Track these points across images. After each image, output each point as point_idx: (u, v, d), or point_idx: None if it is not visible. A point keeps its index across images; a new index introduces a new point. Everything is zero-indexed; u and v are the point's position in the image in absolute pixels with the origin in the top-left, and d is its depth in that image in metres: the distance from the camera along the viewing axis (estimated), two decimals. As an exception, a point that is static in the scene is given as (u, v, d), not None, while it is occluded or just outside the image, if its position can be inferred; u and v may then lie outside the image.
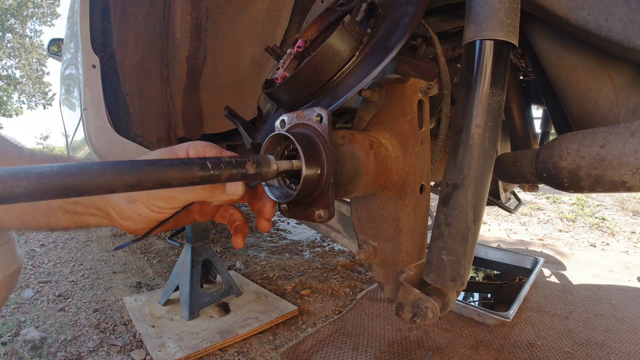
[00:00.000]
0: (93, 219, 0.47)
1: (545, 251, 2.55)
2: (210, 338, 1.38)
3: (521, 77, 1.24)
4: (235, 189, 0.44)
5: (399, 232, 0.60)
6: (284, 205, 0.52)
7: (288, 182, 0.48)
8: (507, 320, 1.41)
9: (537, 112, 2.91)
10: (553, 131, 1.43)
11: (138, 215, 0.43)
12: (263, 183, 0.48)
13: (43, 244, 2.61)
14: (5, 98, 17.70)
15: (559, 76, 0.66)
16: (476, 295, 1.81)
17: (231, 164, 0.36)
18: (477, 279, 1.98)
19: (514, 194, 1.58)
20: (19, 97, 18.18)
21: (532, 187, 1.16)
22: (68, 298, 1.78)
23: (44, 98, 18.41)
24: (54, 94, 18.33)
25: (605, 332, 1.47)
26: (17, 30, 16.64)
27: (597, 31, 0.52)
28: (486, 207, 0.61)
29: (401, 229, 0.59)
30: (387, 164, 0.59)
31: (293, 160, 0.43)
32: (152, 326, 1.47)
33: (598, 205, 4.06)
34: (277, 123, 0.52)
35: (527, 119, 1.14)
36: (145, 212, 0.42)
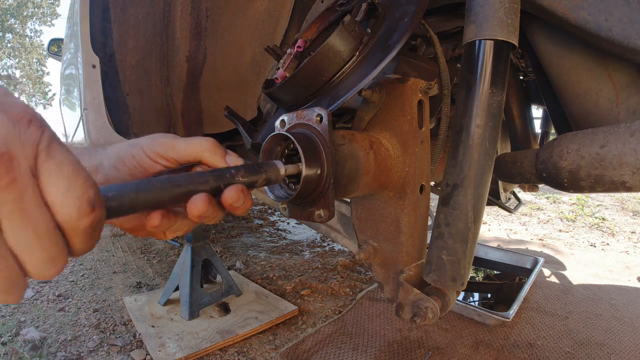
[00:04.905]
0: None
1: (545, 251, 2.55)
2: (210, 338, 1.38)
3: (521, 77, 1.24)
4: (235, 162, 0.42)
5: (399, 232, 0.60)
6: (284, 205, 0.52)
7: (288, 182, 0.48)
8: (507, 320, 1.41)
9: (537, 112, 2.91)
10: (553, 131, 1.43)
11: (131, 157, 0.40)
12: None
13: (43, 244, 2.61)
14: (5, 98, 17.64)
15: (559, 76, 0.66)
16: (476, 295, 1.81)
17: (247, 172, 0.38)
18: (477, 279, 1.98)
19: (514, 194, 1.58)
20: (19, 97, 18.16)
21: (532, 187, 1.16)
22: (68, 298, 1.78)
23: (44, 98, 18.40)
24: (54, 94, 18.32)
25: (605, 332, 1.47)
26: (17, 30, 16.63)
27: (597, 31, 0.52)
28: (486, 207, 0.61)
29: (401, 229, 0.59)
30: (387, 164, 0.59)
31: (300, 164, 0.43)
32: (152, 326, 1.47)
33: (598, 205, 4.06)
34: (277, 123, 0.52)
35: (527, 119, 1.14)
36: (140, 155, 0.40)
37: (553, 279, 2.04)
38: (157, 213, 0.35)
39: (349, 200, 0.72)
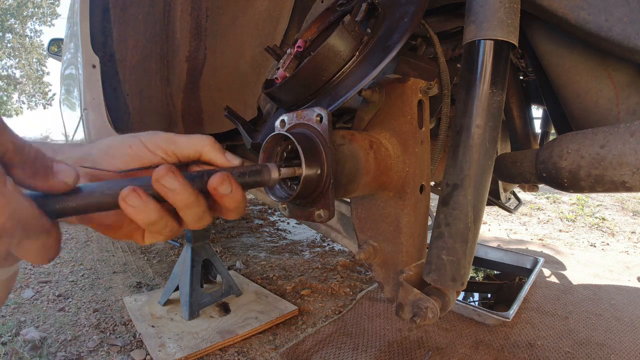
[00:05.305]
0: None
1: (545, 251, 2.55)
2: (210, 338, 1.38)
3: (521, 77, 1.24)
4: (233, 158, 0.42)
5: (399, 232, 0.60)
6: (284, 205, 0.52)
7: (288, 182, 0.48)
8: (507, 320, 1.41)
9: (537, 112, 2.91)
10: (553, 131, 1.43)
11: (128, 147, 0.39)
12: None
13: (43, 244, 2.61)
14: (5, 98, 17.70)
15: (559, 76, 0.66)
16: (476, 295, 1.81)
17: (241, 174, 0.38)
18: (477, 279, 1.98)
19: (514, 194, 1.58)
20: (19, 97, 18.18)
21: (532, 187, 1.16)
22: (68, 298, 1.78)
23: (44, 98, 18.40)
24: (54, 94, 18.32)
25: (605, 332, 1.47)
26: (17, 30, 16.63)
27: (597, 31, 0.52)
28: (486, 207, 0.61)
29: (401, 229, 0.59)
30: (387, 164, 0.59)
31: (295, 167, 0.43)
32: (152, 326, 1.46)
33: (598, 205, 4.06)
34: (277, 123, 0.52)
35: (527, 119, 1.14)
36: (137, 146, 0.39)
37: (553, 279, 2.04)
38: (130, 187, 0.32)
39: (349, 200, 0.72)
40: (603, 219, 3.48)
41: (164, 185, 0.33)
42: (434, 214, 0.57)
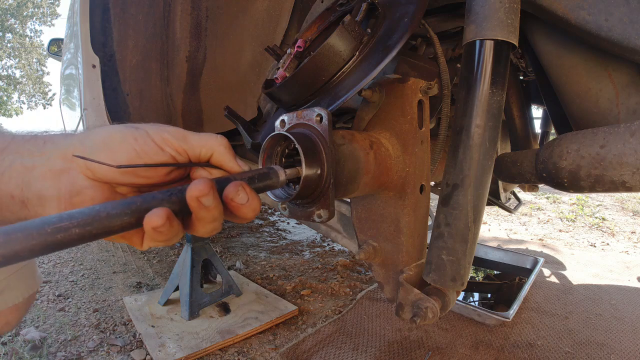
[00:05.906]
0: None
1: (545, 251, 2.55)
2: (210, 338, 1.38)
3: (521, 77, 1.24)
4: (243, 164, 0.40)
5: (399, 232, 0.60)
6: (284, 205, 0.52)
7: (288, 182, 0.48)
8: (507, 320, 1.41)
9: (537, 112, 2.91)
10: (553, 131, 1.43)
11: (133, 140, 0.35)
12: None
13: (43, 244, 2.61)
14: (5, 98, 17.71)
15: (559, 76, 0.66)
16: (476, 295, 1.81)
17: (250, 179, 0.37)
18: (477, 279, 1.98)
19: (514, 194, 1.58)
20: (19, 97, 18.18)
21: (532, 187, 1.16)
22: (68, 298, 1.78)
23: (44, 98, 18.40)
24: (54, 94, 18.32)
25: (605, 332, 1.47)
26: (17, 30, 16.64)
27: (597, 31, 0.52)
28: (486, 207, 0.61)
29: (401, 229, 0.59)
30: (387, 164, 0.59)
31: (299, 167, 0.43)
32: (152, 326, 1.46)
33: (598, 205, 4.06)
34: (277, 123, 0.52)
35: (527, 119, 1.14)
36: (144, 139, 0.36)
37: (553, 279, 2.04)
38: (161, 210, 0.29)
39: (349, 200, 0.72)
40: (603, 219, 3.48)
41: (202, 202, 0.30)
42: (434, 214, 0.57)
